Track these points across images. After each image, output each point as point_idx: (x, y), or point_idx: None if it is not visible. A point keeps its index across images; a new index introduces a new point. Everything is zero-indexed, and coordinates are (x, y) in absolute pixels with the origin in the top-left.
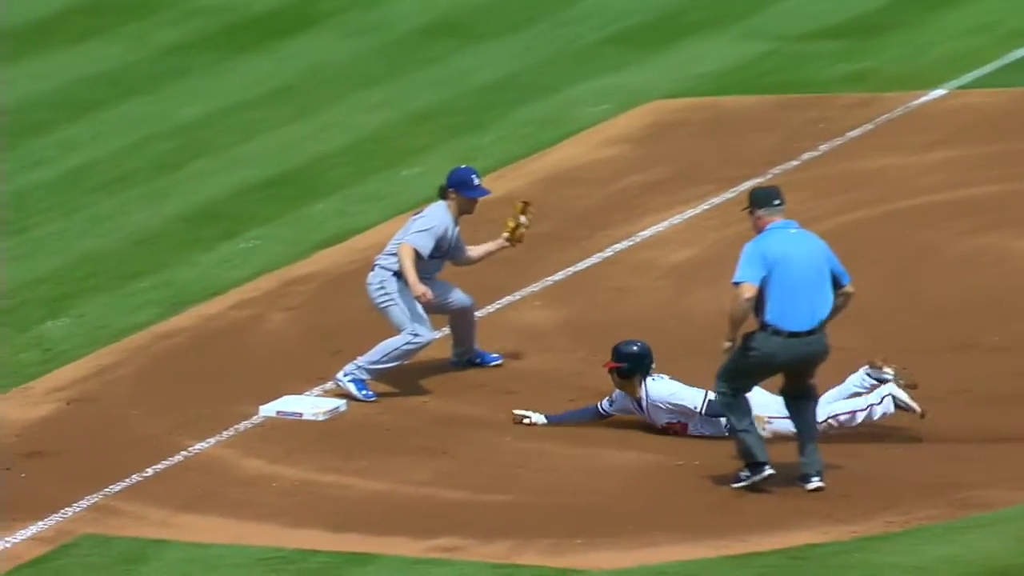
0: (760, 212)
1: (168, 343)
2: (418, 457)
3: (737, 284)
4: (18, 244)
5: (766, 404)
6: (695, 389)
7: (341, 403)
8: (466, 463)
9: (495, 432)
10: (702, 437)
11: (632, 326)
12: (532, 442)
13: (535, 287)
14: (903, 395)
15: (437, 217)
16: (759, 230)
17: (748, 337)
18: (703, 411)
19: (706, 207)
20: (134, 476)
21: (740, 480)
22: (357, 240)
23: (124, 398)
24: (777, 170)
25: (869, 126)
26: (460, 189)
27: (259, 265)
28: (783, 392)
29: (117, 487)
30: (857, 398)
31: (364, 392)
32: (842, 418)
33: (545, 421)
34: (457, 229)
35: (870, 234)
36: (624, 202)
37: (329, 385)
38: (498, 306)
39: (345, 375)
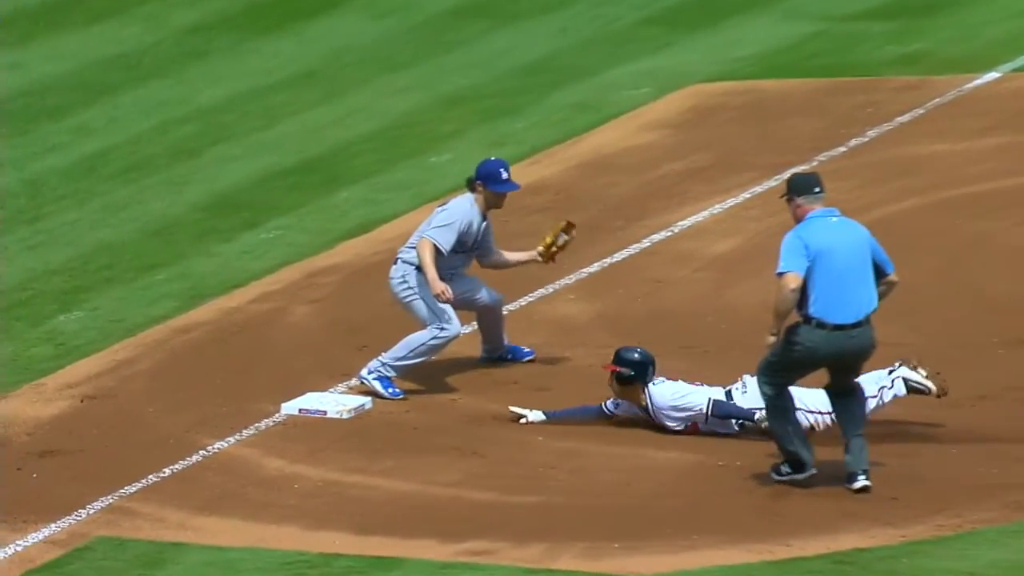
0: (800, 200)
1: (186, 338)
2: (446, 457)
3: (781, 275)
4: (30, 234)
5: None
6: (699, 389)
7: (366, 401)
8: (496, 463)
9: (526, 431)
10: (729, 436)
11: (670, 320)
12: (565, 441)
13: (569, 279)
14: (915, 375)
15: (460, 211)
16: (798, 219)
17: (791, 331)
18: (710, 412)
19: (748, 196)
20: (150, 476)
21: (780, 474)
22: (383, 230)
23: (140, 395)
24: (822, 157)
25: (919, 111)
26: (488, 182)
27: (281, 256)
28: (827, 388)
29: (133, 488)
30: (866, 381)
31: (390, 390)
32: None
33: (543, 418)
34: (485, 224)
35: (920, 224)
36: (662, 190)
37: (354, 382)
38: (531, 299)
39: (370, 372)
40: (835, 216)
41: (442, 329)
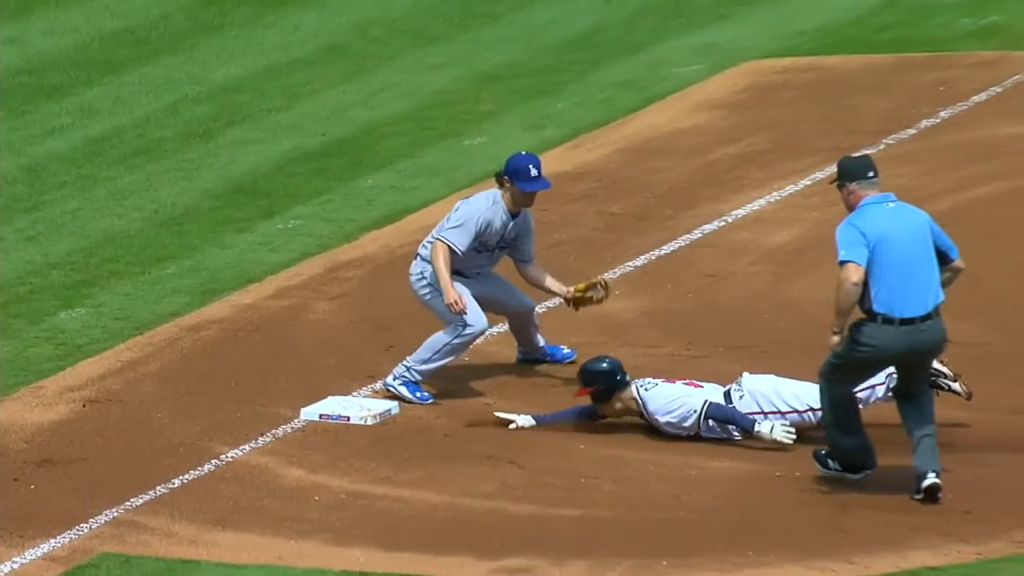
0: (852, 186)
1: (198, 337)
2: (481, 466)
3: (843, 264)
4: (29, 224)
5: (768, 395)
6: (695, 392)
7: (393, 405)
8: (535, 473)
9: (567, 438)
10: (742, 444)
11: (724, 318)
12: (609, 449)
13: (614, 273)
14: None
15: (478, 208)
16: (851, 207)
17: (855, 329)
18: (703, 415)
19: (808, 182)
20: (159, 487)
21: (827, 467)
22: (412, 220)
23: (148, 399)
24: (890, 140)
25: (996, 89)
26: (515, 179)
27: (301, 248)
28: (894, 391)
29: (140, 500)
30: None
31: (418, 394)
32: (861, 395)
33: (533, 423)
34: (513, 223)
35: (997, 213)
36: (715, 176)
37: (379, 385)
38: None
39: (395, 378)
40: (892, 202)
41: (465, 327)
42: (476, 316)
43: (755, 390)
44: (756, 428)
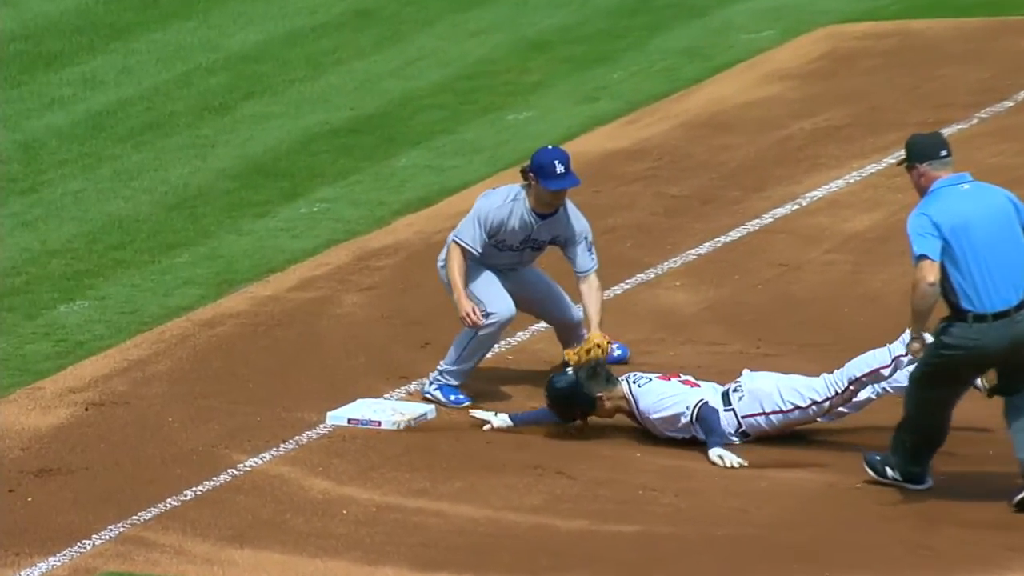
0: (923, 167)
1: (213, 333)
2: (526, 477)
3: (917, 262)
4: (25, 207)
5: (770, 394)
6: (690, 392)
7: (429, 409)
8: (586, 484)
9: (622, 446)
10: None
11: (797, 311)
12: (669, 459)
13: (675, 261)
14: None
15: (491, 204)
16: (923, 190)
17: (943, 331)
18: (695, 415)
19: (892, 160)
20: (170, 500)
21: (884, 476)
22: (450, 203)
23: (158, 401)
24: (984, 113)
25: None
26: (539, 176)
27: (327, 234)
28: (996, 392)
29: (148, 513)
30: (876, 351)
31: (453, 397)
32: (866, 380)
33: (510, 423)
34: (543, 223)
35: None
36: (788, 155)
37: (414, 386)
38: (628, 285)
39: (431, 383)
40: (967, 183)
41: (487, 316)
42: (499, 302)
43: (756, 389)
44: (710, 452)
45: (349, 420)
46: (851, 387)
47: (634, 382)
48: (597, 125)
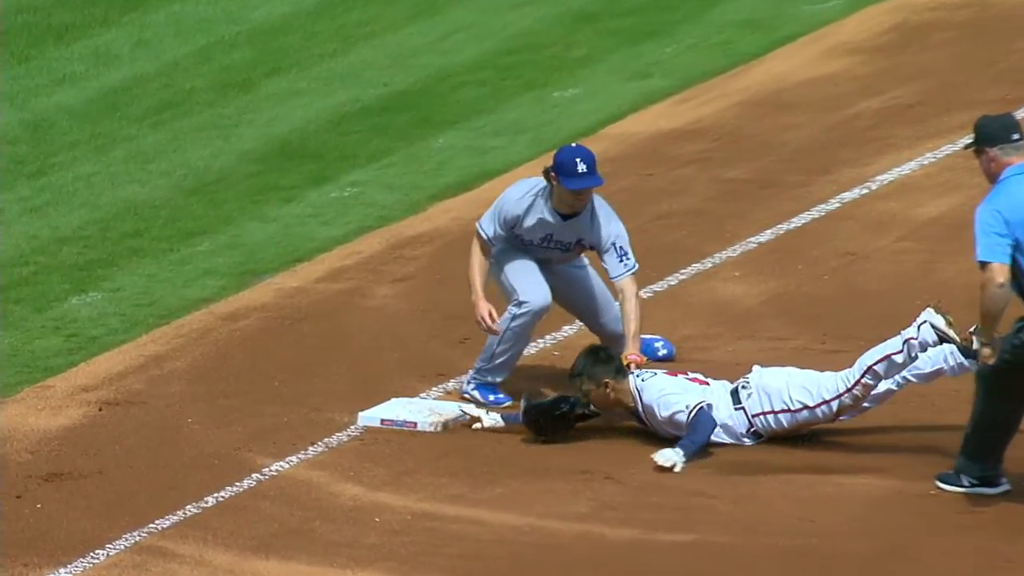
0: (993, 151)
1: (236, 327)
2: (572, 482)
3: (983, 265)
4: (34, 191)
5: (780, 390)
6: (693, 389)
7: (468, 408)
8: (637, 490)
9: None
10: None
11: (866, 304)
12: (725, 463)
13: (734, 250)
14: (942, 322)
15: (512, 196)
16: (993, 177)
17: (1020, 332)
18: (692, 415)
19: (969, 141)
20: (190, 506)
21: (962, 485)
22: (491, 187)
23: (176, 401)
24: None
25: None
26: (560, 174)
27: (358, 221)
28: None
29: (167, 521)
30: (890, 340)
31: (492, 396)
32: (879, 368)
33: (501, 423)
34: (566, 223)
35: None
36: (856, 135)
37: (452, 385)
38: (683, 276)
39: (469, 382)
40: None
41: (519, 305)
42: (532, 290)
43: (765, 386)
44: (666, 450)
45: (382, 421)
46: (864, 379)
47: (639, 376)
48: (648, 103)
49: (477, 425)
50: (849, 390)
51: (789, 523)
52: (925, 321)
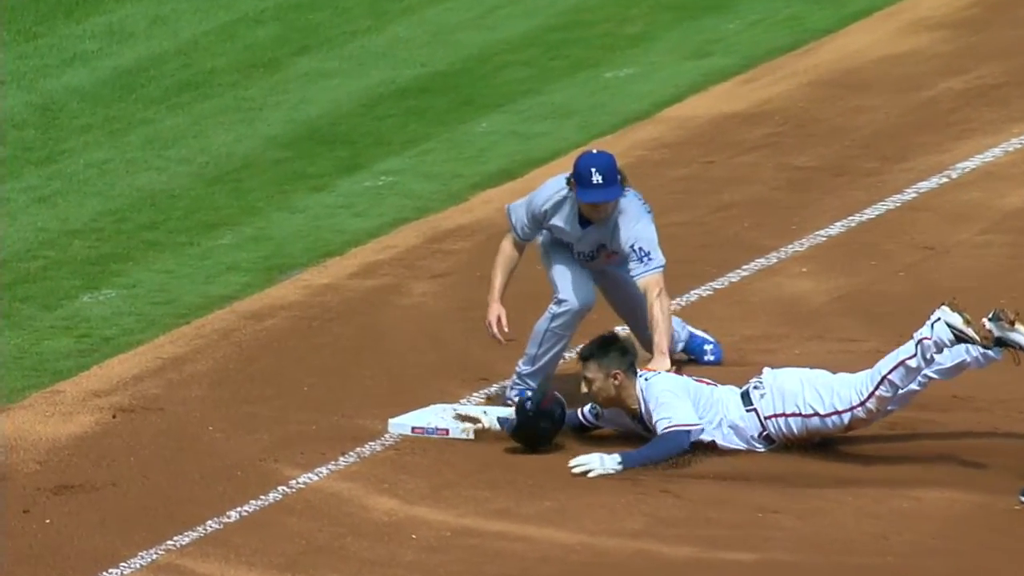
0: None
1: (261, 327)
2: (625, 496)
3: None
4: (43, 180)
5: (794, 393)
6: (700, 393)
7: (464, 410)
8: (695, 505)
9: (736, 460)
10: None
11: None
12: (791, 475)
13: (801, 244)
14: (958, 320)
15: (543, 194)
16: None
17: None
18: (663, 431)
19: None
20: (210, 522)
21: None
22: (536, 175)
23: (196, 407)
24: None
25: None
26: (577, 184)
27: (393, 212)
28: None
29: (186, 537)
30: (905, 344)
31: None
32: (894, 377)
33: (498, 427)
34: (590, 229)
35: None
36: (935, 118)
37: (495, 389)
38: (745, 272)
39: (512, 387)
40: None
41: (558, 304)
42: (572, 289)
43: (780, 387)
44: (594, 455)
45: (413, 429)
46: (879, 391)
47: (643, 376)
48: (709, 84)
49: (478, 426)
50: (862, 403)
51: (861, 540)
52: (939, 319)
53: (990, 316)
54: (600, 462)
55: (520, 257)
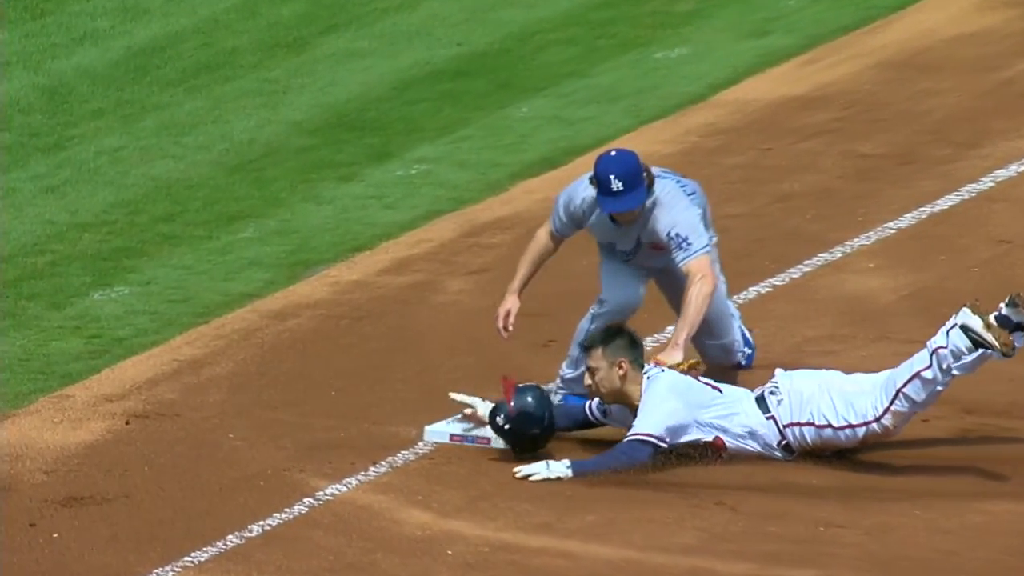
0: None
1: (284, 327)
2: (677, 508)
3: None
4: (50, 169)
5: (811, 399)
6: (704, 397)
7: (463, 398)
8: (753, 518)
9: (797, 469)
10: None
11: None
12: (858, 487)
13: (868, 237)
14: (978, 324)
15: (577, 187)
16: None
17: None
18: (624, 440)
19: None
20: (231, 536)
21: None
22: (581, 164)
23: (215, 413)
24: None
25: None
26: (597, 190)
27: (428, 203)
28: None
29: (204, 553)
30: (918, 353)
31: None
32: (909, 391)
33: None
34: (624, 229)
35: None
36: (1011, 102)
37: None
38: (807, 268)
39: (555, 392)
40: None
41: (599, 304)
42: (615, 290)
43: (796, 392)
44: (547, 463)
45: (451, 437)
46: (895, 406)
47: (647, 375)
48: (768, 66)
49: (468, 410)
50: (877, 419)
51: (931, 558)
52: (955, 325)
53: (1007, 302)
54: (546, 467)
55: (554, 250)
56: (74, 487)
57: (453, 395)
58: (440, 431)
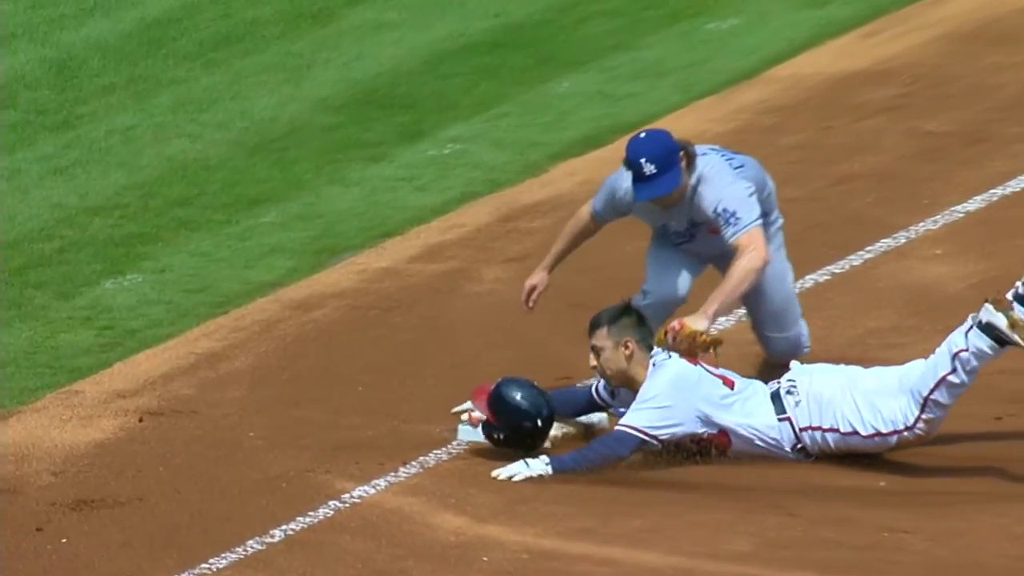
0: None
1: (309, 318)
2: (729, 513)
3: None
4: (59, 149)
5: (831, 402)
6: (706, 389)
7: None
8: (811, 524)
9: (858, 472)
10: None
11: None
12: (923, 488)
13: (934, 221)
14: (1003, 322)
15: (622, 181)
16: None
17: None
18: (611, 435)
19: None
20: (251, 542)
21: None
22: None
23: (235, 410)
24: None
25: None
26: (631, 177)
27: (462, 185)
28: None
29: (223, 560)
30: (938, 356)
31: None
32: (938, 397)
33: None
34: (670, 211)
35: None
36: None
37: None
38: (869, 254)
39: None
40: None
41: (643, 294)
42: (659, 280)
43: (817, 394)
44: (526, 462)
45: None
46: (925, 414)
47: (653, 361)
48: (827, 38)
49: (465, 416)
50: (909, 428)
51: (1002, 565)
52: (972, 326)
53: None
54: (525, 466)
55: (594, 231)
56: (84, 489)
57: (455, 411)
58: (475, 430)
